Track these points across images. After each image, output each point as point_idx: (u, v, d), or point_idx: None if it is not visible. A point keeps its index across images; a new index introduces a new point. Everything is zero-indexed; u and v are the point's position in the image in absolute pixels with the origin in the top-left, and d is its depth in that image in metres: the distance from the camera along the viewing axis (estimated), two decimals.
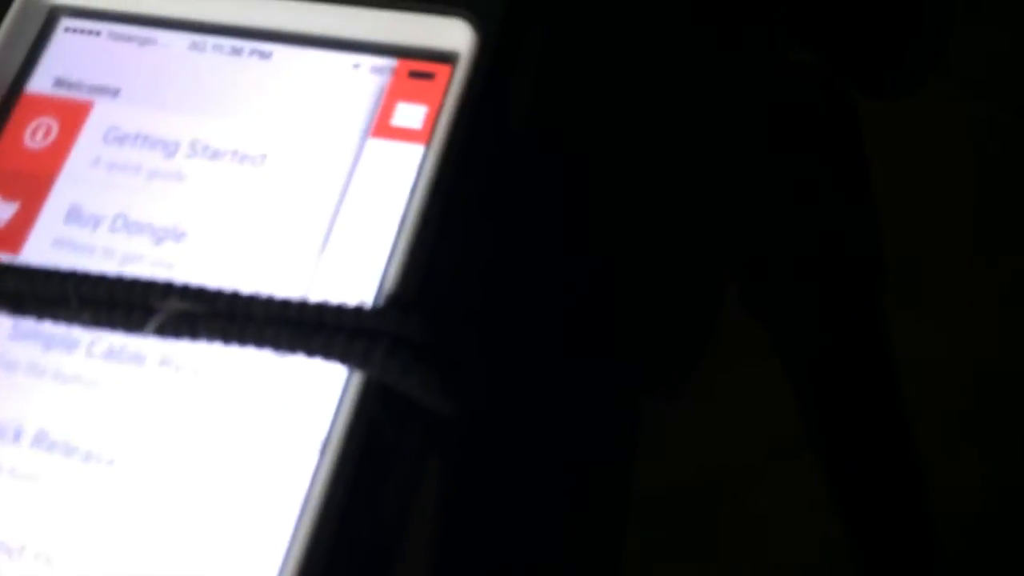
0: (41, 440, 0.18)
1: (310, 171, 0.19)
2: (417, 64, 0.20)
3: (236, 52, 0.21)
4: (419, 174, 0.18)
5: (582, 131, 0.22)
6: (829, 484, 0.48)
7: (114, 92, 0.21)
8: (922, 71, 0.34)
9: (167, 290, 0.17)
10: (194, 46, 0.21)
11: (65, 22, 0.22)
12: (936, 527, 0.45)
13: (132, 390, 0.18)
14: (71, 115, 0.21)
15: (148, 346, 0.18)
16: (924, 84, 0.35)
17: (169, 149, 0.20)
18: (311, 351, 0.16)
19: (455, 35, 0.19)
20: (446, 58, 0.19)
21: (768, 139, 0.34)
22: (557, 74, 0.21)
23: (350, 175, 0.19)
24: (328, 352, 0.16)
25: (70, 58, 0.21)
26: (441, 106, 0.19)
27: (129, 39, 0.21)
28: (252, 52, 0.21)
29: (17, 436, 0.18)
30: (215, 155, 0.19)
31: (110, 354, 0.18)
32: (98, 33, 0.22)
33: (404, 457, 0.17)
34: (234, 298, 0.16)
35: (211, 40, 0.21)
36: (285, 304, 0.16)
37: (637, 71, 0.27)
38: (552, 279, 0.22)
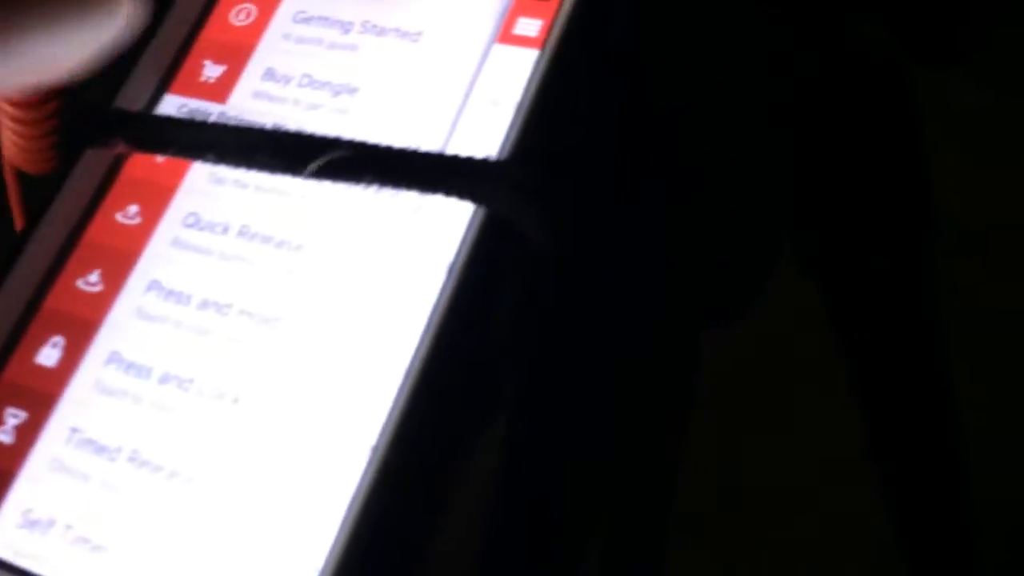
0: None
1: (451, 57, 0.24)
2: None
3: None
4: (535, 70, 0.23)
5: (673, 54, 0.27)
6: (870, 449, 0.51)
7: None
8: (976, 41, 0.38)
9: (332, 142, 0.21)
10: None
11: None
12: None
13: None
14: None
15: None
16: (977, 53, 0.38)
17: (345, 27, 0.25)
18: (448, 191, 0.21)
19: None
20: None
21: (828, 106, 0.37)
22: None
23: (480, 68, 0.23)
24: (462, 192, 0.21)
25: None
26: (553, 21, 0.23)
27: None
28: None
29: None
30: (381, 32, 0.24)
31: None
32: None
33: (514, 287, 0.22)
34: (388, 149, 0.21)
35: None
36: (427, 155, 0.21)
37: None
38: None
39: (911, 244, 0.42)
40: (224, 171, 0.24)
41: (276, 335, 0.22)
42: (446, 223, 0.22)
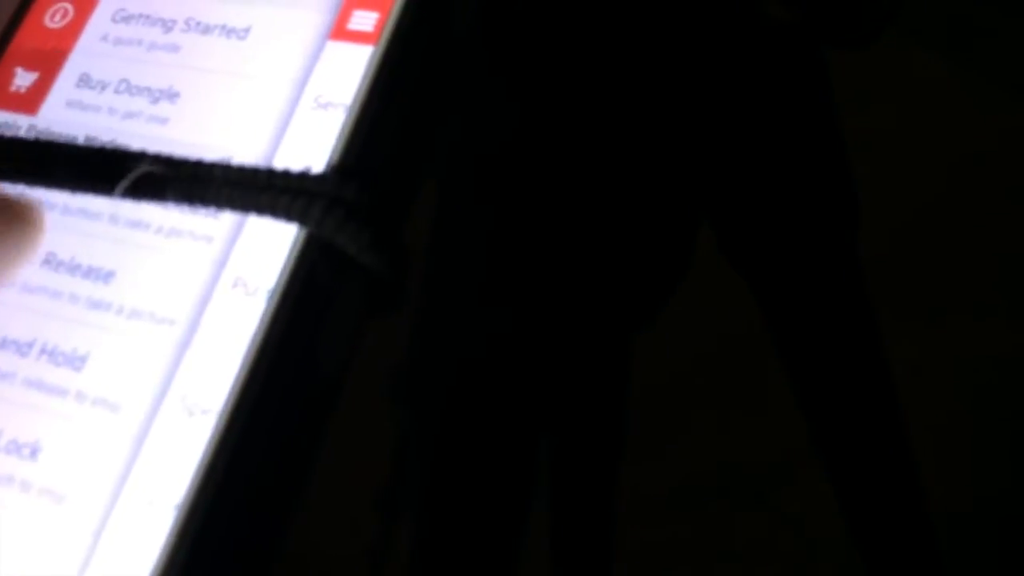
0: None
1: (281, 60, 0.21)
2: None
3: None
4: (367, 68, 0.21)
5: (527, 49, 0.24)
6: (810, 435, 0.49)
7: None
8: (879, 26, 0.36)
9: (139, 157, 0.19)
10: None
11: None
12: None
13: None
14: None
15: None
16: (880, 37, 0.36)
17: (167, 25, 0.22)
18: (260, 210, 0.18)
19: None
20: None
21: (744, 92, 0.36)
22: None
23: (311, 67, 0.21)
24: (274, 210, 0.18)
25: None
26: (389, 13, 0.21)
27: None
28: None
29: None
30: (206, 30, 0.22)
31: None
32: None
33: (343, 310, 0.19)
34: (197, 164, 0.19)
35: None
36: (240, 169, 0.19)
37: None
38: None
39: (835, 230, 0.40)
40: None
41: (80, 378, 0.20)
42: (267, 244, 0.20)
